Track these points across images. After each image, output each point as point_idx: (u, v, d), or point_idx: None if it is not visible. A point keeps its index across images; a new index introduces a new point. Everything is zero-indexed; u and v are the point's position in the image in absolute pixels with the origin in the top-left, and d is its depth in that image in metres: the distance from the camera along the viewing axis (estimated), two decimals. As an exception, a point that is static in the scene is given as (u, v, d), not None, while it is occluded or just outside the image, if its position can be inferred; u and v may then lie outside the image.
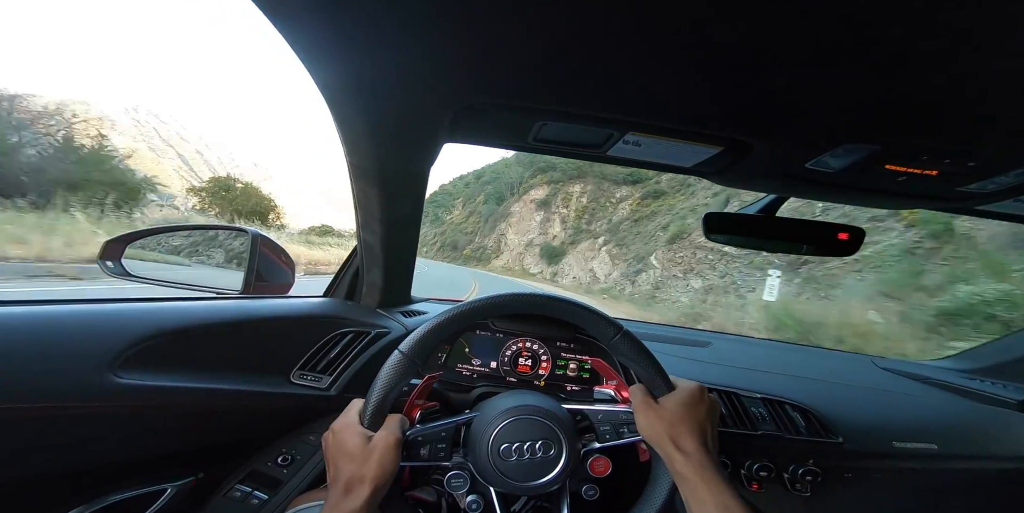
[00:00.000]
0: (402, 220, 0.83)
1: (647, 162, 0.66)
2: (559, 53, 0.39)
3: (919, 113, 0.42)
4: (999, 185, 0.53)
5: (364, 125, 0.55)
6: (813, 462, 0.86)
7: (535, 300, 0.60)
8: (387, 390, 0.56)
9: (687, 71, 0.40)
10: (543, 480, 0.57)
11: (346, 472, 0.51)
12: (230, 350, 0.76)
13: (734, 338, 1.36)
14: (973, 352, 1.21)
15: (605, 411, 0.61)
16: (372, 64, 0.42)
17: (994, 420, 0.99)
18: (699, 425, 0.54)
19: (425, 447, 0.58)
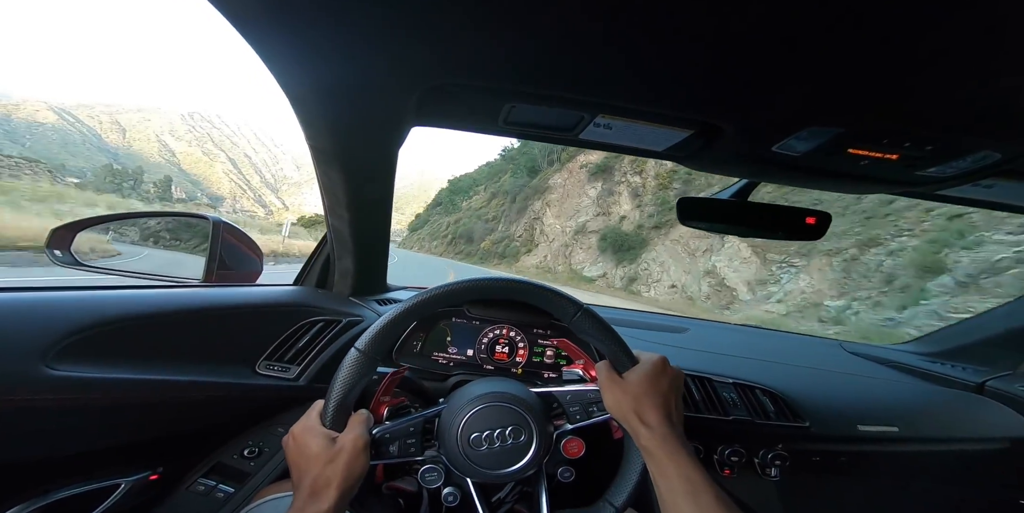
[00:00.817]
0: (371, 205, 0.81)
1: (620, 146, 0.65)
2: (526, 34, 0.38)
3: (881, 96, 0.42)
4: (957, 170, 0.54)
5: (322, 105, 0.53)
6: (782, 446, 0.89)
7: (491, 284, 0.59)
8: (346, 389, 0.54)
9: (654, 53, 0.39)
10: (516, 466, 0.57)
11: (310, 475, 0.49)
12: (189, 340, 0.73)
13: (711, 324, 1.39)
14: (936, 335, 1.26)
15: (573, 391, 0.61)
16: (329, 40, 0.41)
17: (953, 402, 1.03)
18: (662, 398, 0.54)
19: (394, 444, 0.57)
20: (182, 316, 0.72)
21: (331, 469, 0.49)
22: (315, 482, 0.49)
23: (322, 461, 0.50)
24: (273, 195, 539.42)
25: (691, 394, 0.88)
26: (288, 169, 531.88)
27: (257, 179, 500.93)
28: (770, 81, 0.42)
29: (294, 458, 0.53)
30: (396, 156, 0.70)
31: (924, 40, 0.34)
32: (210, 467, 0.79)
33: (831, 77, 0.40)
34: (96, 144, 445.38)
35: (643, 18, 0.34)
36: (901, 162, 0.53)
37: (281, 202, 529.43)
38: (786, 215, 0.75)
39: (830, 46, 0.35)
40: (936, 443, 0.97)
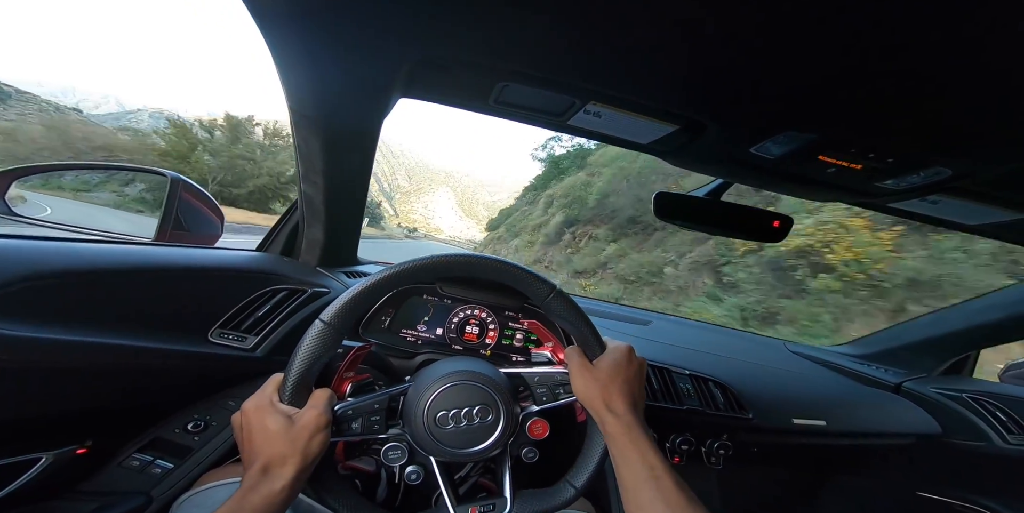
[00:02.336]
0: (348, 175, 0.78)
1: (607, 135, 0.66)
2: (524, 13, 0.38)
3: (854, 106, 0.45)
4: (910, 184, 0.60)
5: (309, 69, 0.51)
6: (727, 436, 0.95)
7: (465, 260, 0.58)
8: (308, 363, 0.52)
9: (650, 45, 0.40)
10: (482, 446, 0.57)
11: (264, 454, 0.47)
12: (133, 302, 0.67)
13: (673, 318, 1.46)
14: (867, 339, 1.39)
15: (541, 373, 0.62)
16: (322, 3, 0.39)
17: (875, 400, 1.14)
18: (628, 386, 0.56)
19: (357, 421, 0.55)
20: (127, 275, 0.67)
21: (288, 448, 0.47)
22: (269, 461, 0.47)
23: (279, 440, 0.47)
24: (388, 203, 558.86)
25: (650, 383, 0.93)
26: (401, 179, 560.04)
27: (375, 188, 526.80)
28: (756, 83, 0.44)
29: (245, 436, 0.50)
30: (379, 127, 0.68)
31: (896, 58, 0.37)
32: (148, 441, 0.74)
33: (812, 84, 0.42)
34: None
35: (642, 8, 0.35)
36: (863, 172, 0.58)
37: (394, 210, 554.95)
38: (755, 217, 0.80)
39: (813, 55, 0.38)
40: (856, 437, 1.07)
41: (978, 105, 0.42)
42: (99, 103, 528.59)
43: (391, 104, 0.61)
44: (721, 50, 0.39)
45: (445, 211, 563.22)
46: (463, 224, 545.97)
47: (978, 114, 0.43)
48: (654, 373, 0.95)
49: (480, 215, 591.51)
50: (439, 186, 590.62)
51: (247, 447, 0.49)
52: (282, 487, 0.46)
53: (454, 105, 0.63)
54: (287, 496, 0.46)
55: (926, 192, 0.62)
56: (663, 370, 0.96)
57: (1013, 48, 0.34)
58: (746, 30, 0.36)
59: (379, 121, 0.65)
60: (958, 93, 0.40)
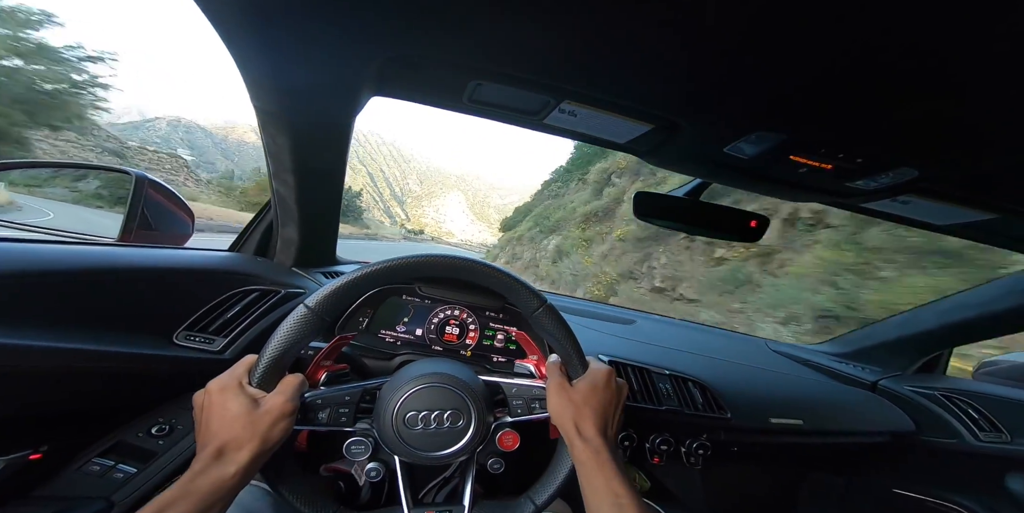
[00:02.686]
0: (320, 173, 0.77)
1: (584, 134, 0.66)
2: (493, 11, 0.38)
3: (822, 107, 0.46)
4: (880, 184, 0.61)
5: (270, 66, 0.50)
6: (706, 436, 0.95)
7: (461, 263, 0.57)
8: (285, 347, 0.50)
9: (623, 45, 0.40)
10: (448, 451, 0.56)
11: (221, 437, 0.46)
12: (93, 304, 0.65)
13: (656, 317, 1.47)
14: (845, 338, 1.42)
15: (520, 385, 0.61)
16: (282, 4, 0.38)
17: (851, 399, 1.16)
18: (603, 410, 0.55)
19: (325, 411, 0.54)
20: (87, 277, 0.64)
21: (247, 432, 0.46)
22: (225, 444, 0.45)
23: (240, 423, 0.46)
24: (399, 207, 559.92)
25: (630, 384, 0.92)
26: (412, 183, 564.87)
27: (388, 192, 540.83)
28: (728, 83, 0.44)
29: (204, 416, 0.48)
30: (351, 125, 0.67)
31: (864, 62, 0.37)
32: (109, 446, 0.72)
33: (781, 85, 0.43)
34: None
35: (615, 9, 0.35)
36: (834, 172, 0.59)
37: (405, 214, 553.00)
38: (733, 217, 0.81)
39: (783, 58, 0.38)
40: (833, 436, 1.08)
41: (944, 109, 0.42)
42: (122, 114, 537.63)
43: (362, 102, 0.61)
44: (693, 51, 0.40)
45: (456, 215, 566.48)
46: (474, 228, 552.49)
47: (944, 118, 0.44)
48: (634, 373, 0.95)
49: (491, 218, 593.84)
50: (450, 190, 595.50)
51: (204, 428, 0.48)
52: (234, 472, 0.44)
53: (428, 103, 0.62)
54: (238, 482, 0.45)
55: (896, 192, 0.63)
56: (642, 370, 0.96)
57: (977, 55, 0.35)
58: (718, 32, 0.36)
59: (350, 119, 0.64)
60: (924, 97, 0.41)
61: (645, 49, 0.41)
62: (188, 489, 0.42)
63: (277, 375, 0.51)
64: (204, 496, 0.42)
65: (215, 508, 0.43)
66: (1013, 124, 0.44)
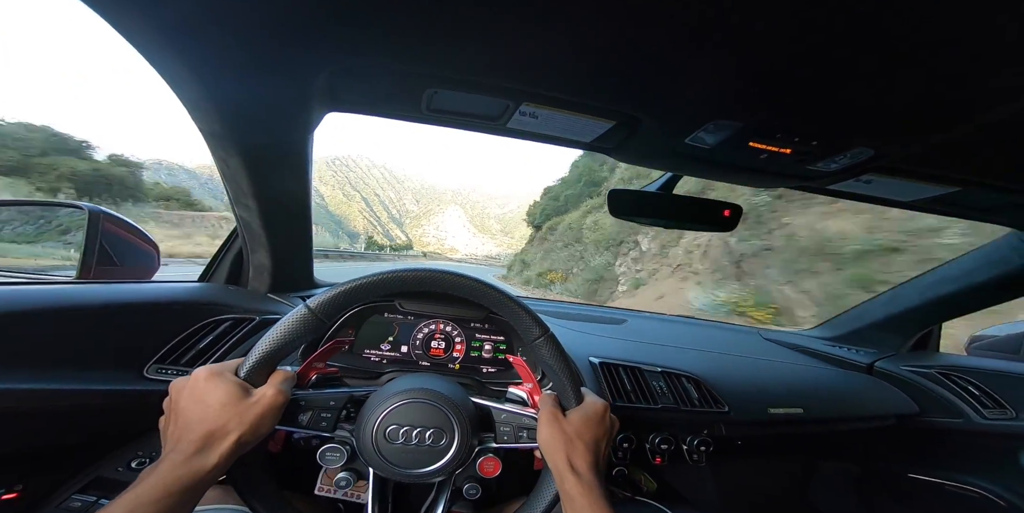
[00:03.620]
0: (283, 195, 0.76)
1: (548, 135, 0.67)
2: (441, 16, 0.38)
3: (774, 94, 0.47)
4: (839, 165, 0.62)
5: (205, 85, 0.49)
6: (707, 432, 0.94)
7: (469, 284, 0.56)
8: (280, 344, 0.50)
9: (576, 43, 0.41)
10: (425, 470, 0.55)
11: (206, 426, 0.44)
12: (56, 343, 0.64)
13: (648, 315, 1.47)
14: (836, 321, 1.42)
15: (510, 412, 0.60)
16: (202, 15, 0.38)
17: (848, 383, 1.16)
18: (595, 445, 0.55)
19: (307, 413, 0.54)
20: (52, 315, 0.64)
21: (235, 421, 0.44)
22: (211, 434, 0.43)
23: (228, 412, 0.45)
24: (399, 229, 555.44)
25: (623, 384, 0.92)
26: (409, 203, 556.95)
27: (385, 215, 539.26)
28: (681, 75, 0.45)
29: (185, 404, 0.46)
30: (308, 142, 0.66)
31: (807, 46, 0.38)
32: (88, 482, 0.70)
33: (733, 74, 0.44)
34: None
35: (564, 9, 0.36)
36: (794, 156, 0.60)
37: (405, 235, 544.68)
38: (706, 208, 0.82)
39: (732, 47, 0.39)
40: (836, 423, 1.07)
41: (889, 88, 0.44)
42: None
43: (316, 118, 0.60)
44: (644, 46, 0.40)
45: (457, 230, 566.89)
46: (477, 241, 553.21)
47: (890, 97, 0.46)
48: (626, 373, 0.94)
49: (493, 229, 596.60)
50: (448, 205, 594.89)
51: (182, 416, 0.45)
52: (214, 464, 0.43)
53: (387, 115, 0.62)
54: (215, 475, 0.43)
55: (856, 173, 0.65)
56: (634, 369, 0.95)
57: (915, 35, 0.36)
58: (666, 26, 0.37)
59: (305, 136, 0.63)
60: (870, 77, 0.42)
61: (597, 47, 0.41)
62: (167, 483, 0.40)
63: (266, 371, 0.51)
64: (184, 490, 0.40)
65: (191, 504, 0.42)
66: (956, 100, 0.46)
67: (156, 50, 0.44)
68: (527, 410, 0.60)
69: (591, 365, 0.93)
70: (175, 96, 0.52)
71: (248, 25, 0.40)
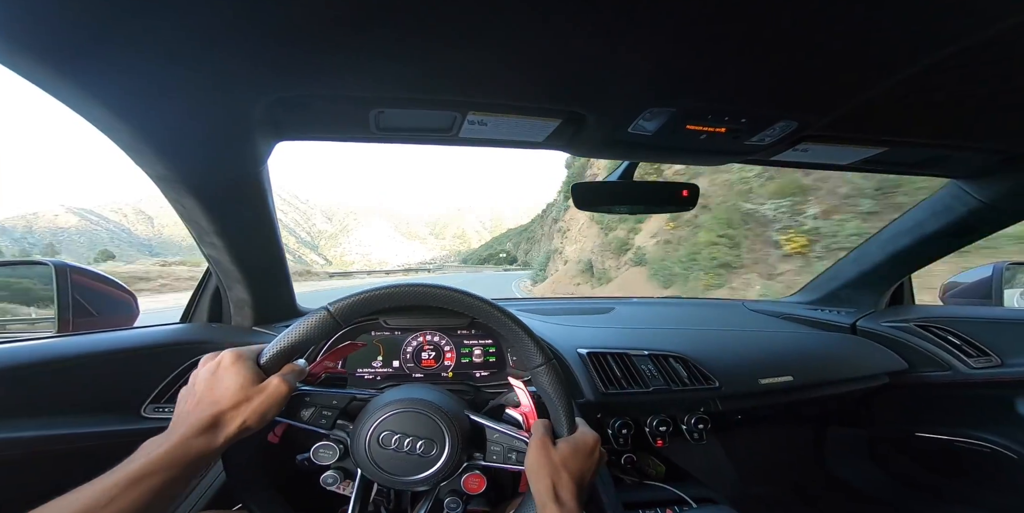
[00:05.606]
0: (247, 229, 0.78)
1: (502, 140, 0.72)
2: (366, 37, 0.41)
3: (695, 79, 0.53)
4: (772, 138, 0.69)
5: (137, 127, 0.51)
6: (703, 410, 0.97)
7: (476, 303, 0.59)
8: (299, 338, 0.54)
9: (509, 51, 0.45)
10: (411, 477, 0.57)
11: (221, 405, 0.48)
12: (51, 393, 0.67)
13: (635, 301, 1.52)
14: (813, 284, 1.48)
15: (503, 432, 0.62)
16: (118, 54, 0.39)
17: (835, 345, 1.20)
18: (581, 476, 0.56)
19: (310, 409, 0.57)
20: (36, 369, 0.66)
21: (243, 408, 0.48)
22: (222, 414, 0.47)
23: (239, 396, 0.49)
24: (313, 252, 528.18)
25: (613, 371, 0.96)
26: (320, 223, 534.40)
27: (293, 241, 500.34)
28: (609, 71, 0.51)
29: (211, 381, 0.50)
30: (263, 174, 0.68)
31: (711, 29, 0.43)
32: None
33: (653, 66, 0.50)
34: (127, 238, 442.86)
35: (489, 22, 0.40)
36: (729, 134, 0.66)
37: (324, 258, 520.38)
38: (664, 190, 0.88)
39: (647, 40, 0.44)
40: (828, 386, 1.10)
41: (796, 61, 0.49)
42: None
43: (263, 150, 0.62)
44: (572, 47, 0.45)
45: (383, 241, 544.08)
46: (408, 248, 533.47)
47: (799, 69, 0.51)
48: (614, 360, 0.98)
49: (422, 234, 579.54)
50: (368, 218, 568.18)
51: (204, 392, 0.49)
52: (220, 443, 0.46)
53: (336, 139, 0.66)
54: (217, 454, 0.47)
55: (790, 143, 0.72)
56: (621, 355, 0.99)
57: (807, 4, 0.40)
58: (587, 27, 0.42)
59: (255, 169, 0.65)
60: (775, 53, 0.48)
61: (529, 53, 0.46)
62: (177, 456, 0.43)
63: (283, 362, 0.55)
64: (190, 464, 0.44)
65: (194, 476, 0.45)
66: (858, 69, 0.51)
67: (79, 99, 0.45)
68: (520, 434, 0.62)
69: (579, 356, 0.97)
70: (111, 142, 0.53)
71: (172, 63, 0.41)
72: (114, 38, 0.38)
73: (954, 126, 0.71)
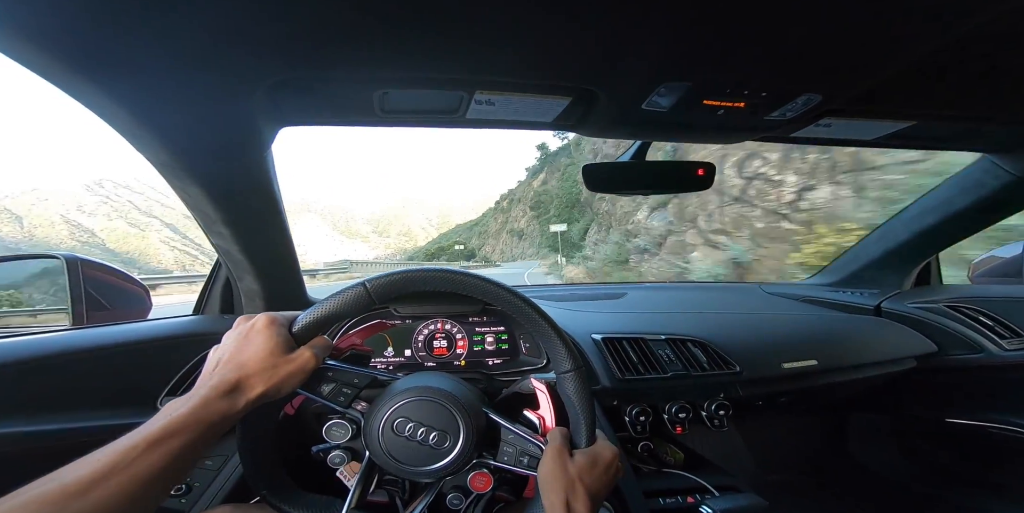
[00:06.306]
0: (254, 219, 0.78)
1: (510, 121, 0.70)
2: (366, 17, 0.40)
3: (715, 50, 0.51)
4: (794, 112, 0.66)
5: (139, 114, 0.50)
6: (724, 395, 0.96)
7: (521, 305, 0.58)
8: (333, 310, 0.54)
9: (517, 26, 0.44)
10: (419, 468, 0.57)
11: (246, 369, 0.48)
12: (65, 387, 0.69)
13: (648, 285, 1.50)
14: (833, 266, 1.45)
15: (517, 434, 0.61)
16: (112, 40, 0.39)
17: (859, 328, 1.17)
18: (596, 491, 0.55)
19: (331, 384, 0.57)
20: (51, 361, 0.68)
21: (267, 375, 0.48)
22: (246, 378, 0.47)
23: (266, 363, 0.49)
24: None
25: (629, 357, 0.95)
26: None
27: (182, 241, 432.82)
28: (622, 44, 0.48)
29: (242, 342, 0.50)
30: (267, 160, 0.68)
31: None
32: None
33: (672, 37, 0.47)
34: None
35: None
36: (748, 110, 0.64)
37: None
38: (679, 169, 0.86)
39: (666, 9, 0.42)
40: (854, 370, 1.07)
41: (824, 33, 0.47)
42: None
43: (267, 136, 0.61)
44: (584, 20, 0.43)
45: (319, 239, 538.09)
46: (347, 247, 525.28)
47: (827, 41, 0.49)
48: (630, 345, 0.97)
49: (363, 231, 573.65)
50: (301, 216, 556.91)
51: (234, 353, 0.50)
52: (241, 407, 0.46)
53: (340, 123, 0.64)
54: (236, 418, 0.47)
55: (813, 118, 0.69)
56: (638, 340, 0.98)
57: None
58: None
59: (260, 156, 0.65)
60: (799, 26, 0.45)
61: (539, 28, 0.44)
62: (200, 417, 0.43)
63: (314, 333, 0.55)
64: (211, 426, 0.44)
65: (214, 439, 0.45)
66: (888, 39, 0.49)
67: (77, 84, 0.44)
68: (536, 438, 0.60)
69: (593, 342, 0.96)
70: (112, 129, 0.53)
71: (168, 46, 0.41)
72: (111, 22, 0.37)
73: (988, 98, 0.68)
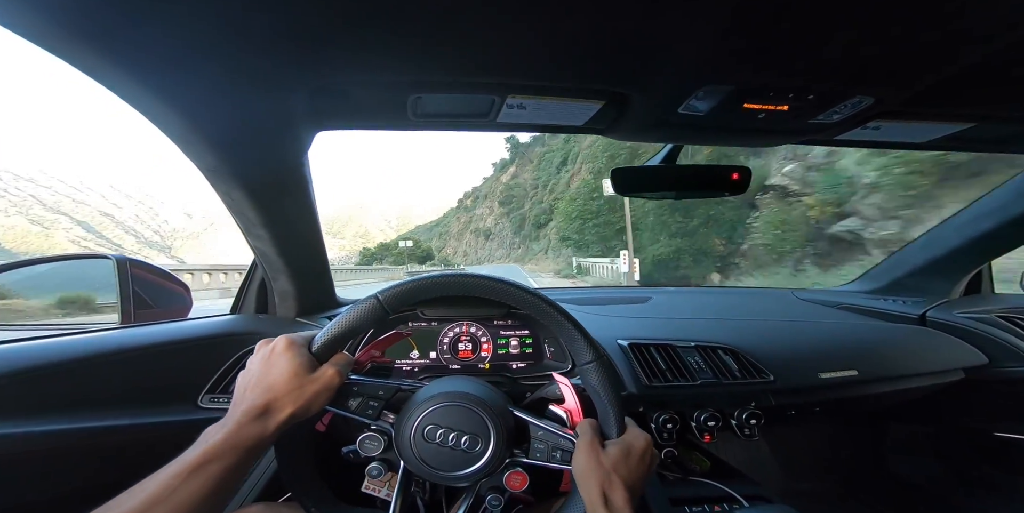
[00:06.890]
0: (291, 221, 0.81)
1: (540, 124, 0.70)
2: (406, 21, 0.40)
3: (760, 52, 0.49)
4: (842, 115, 0.63)
5: (188, 120, 0.53)
6: (755, 405, 0.93)
7: (526, 297, 0.58)
8: (348, 327, 0.55)
9: (552, 29, 0.44)
10: (454, 473, 0.57)
11: (274, 391, 0.49)
12: (114, 384, 0.72)
13: (672, 290, 1.47)
14: (873, 272, 1.39)
15: (547, 430, 0.61)
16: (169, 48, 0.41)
17: (902, 337, 1.12)
18: (632, 481, 0.54)
19: (357, 399, 0.59)
20: (102, 359, 0.71)
21: (294, 396, 0.49)
22: (274, 401, 0.48)
23: (291, 384, 0.50)
24: (164, 255, 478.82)
25: (657, 364, 0.93)
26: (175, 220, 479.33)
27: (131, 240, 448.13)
28: (662, 46, 0.48)
29: (265, 367, 0.51)
30: (304, 165, 0.70)
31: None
32: None
33: (715, 38, 0.46)
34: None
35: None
36: (792, 113, 0.62)
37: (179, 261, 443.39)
38: (712, 173, 0.84)
39: (708, 9, 0.41)
40: (897, 381, 1.03)
41: (878, 33, 0.45)
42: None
43: (306, 139, 0.64)
44: (622, 22, 0.43)
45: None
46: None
47: (880, 41, 0.47)
48: (658, 352, 0.95)
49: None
50: None
51: (259, 378, 0.51)
52: (272, 430, 0.47)
53: (374, 127, 0.66)
54: (270, 441, 0.48)
55: (860, 121, 0.66)
56: (666, 347, 0.96)
57: None
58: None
59: (298, 159, 0.67)
60: (855, 23, 0.44)
61: (574, 30, 0.44)
62: (235, 442, 0.45)
63: (333, 350, 0.56)
64: (248, 450, 0.45)
65: (252, 462, 0.47)
66: (949, 37, 0.46)
67: (137, 93, 0.47)
68: (565, 431, 0.60)
69: (620, 348, 0.95)
70: (166, 137, 0.56)
71: (213, 56, 0.43)
72: (163, 33, 0.39)
73: None
